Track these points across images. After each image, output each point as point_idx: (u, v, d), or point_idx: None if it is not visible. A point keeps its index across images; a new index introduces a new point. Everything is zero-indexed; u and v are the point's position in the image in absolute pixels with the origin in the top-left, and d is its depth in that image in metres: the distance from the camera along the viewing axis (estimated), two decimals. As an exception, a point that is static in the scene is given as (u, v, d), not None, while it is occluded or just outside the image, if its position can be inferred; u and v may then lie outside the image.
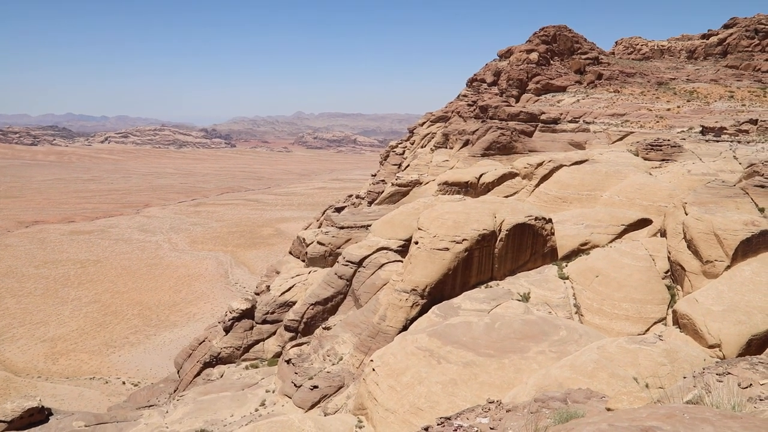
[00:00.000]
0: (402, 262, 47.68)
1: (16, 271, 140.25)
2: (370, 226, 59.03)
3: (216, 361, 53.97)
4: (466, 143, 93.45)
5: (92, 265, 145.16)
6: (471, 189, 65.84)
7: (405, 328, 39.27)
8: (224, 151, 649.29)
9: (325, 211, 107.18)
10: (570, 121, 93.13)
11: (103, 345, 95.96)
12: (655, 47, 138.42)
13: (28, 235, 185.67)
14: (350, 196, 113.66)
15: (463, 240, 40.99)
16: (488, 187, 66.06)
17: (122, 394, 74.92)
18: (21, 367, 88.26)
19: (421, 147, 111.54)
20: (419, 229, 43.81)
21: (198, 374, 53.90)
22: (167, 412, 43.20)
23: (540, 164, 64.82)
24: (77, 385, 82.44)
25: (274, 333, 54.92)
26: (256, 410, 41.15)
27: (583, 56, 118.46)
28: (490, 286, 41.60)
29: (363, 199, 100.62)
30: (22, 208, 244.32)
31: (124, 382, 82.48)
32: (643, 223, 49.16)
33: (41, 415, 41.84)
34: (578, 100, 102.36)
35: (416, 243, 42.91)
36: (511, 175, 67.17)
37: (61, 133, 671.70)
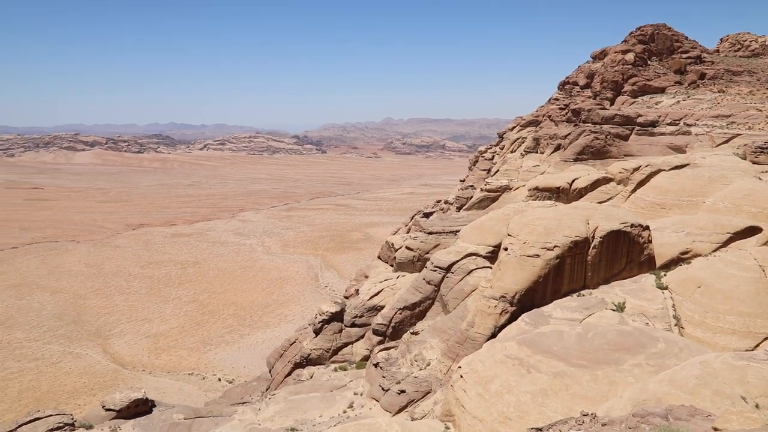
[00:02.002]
0: (491, 268, 47.04)
1: (123, 270, 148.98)
2: (458, 231, 58.63)
3: (306, 362, 55.21)
4: (557, 148, 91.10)
5: (191, 266, 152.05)
6: (562, 195, 64.10)
7: (493, 335, 38.70)
8: (315, 157, 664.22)
9: (413, 216, 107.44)
10: (669, 124, 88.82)
11: (200, 342, 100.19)
12: (766, 43, 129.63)
13: (135, 237, 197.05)
14: (439, 201, 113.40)
15: (555, 247, 39.95)
16: (581, 193, 64.07)
17: (218, 390, 78.01)
18: (128, 361, 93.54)
19: (511, 152, 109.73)
20: (509, 235, 43.08)
21: (289, 374, 55.33)
22: (260, 409, 44.57)
23: (636, 169, 62.17)
24: (177, 379, 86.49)
25: (362, 336, 55.55)
26: (344, 412, 41.75)
27: (684, 55, 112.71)
28: (583, 295, 40.30)
29: (451, 204, 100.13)
30: (130, 211, 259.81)
31: (219, 379, 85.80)
32: (752, 231, 46.07)
33: (145, 406, 44.26)
34: (678, 102, 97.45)
35: (506, 249, 42.22)
36: (605, 181, 64.84)
37: (165, 141, 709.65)
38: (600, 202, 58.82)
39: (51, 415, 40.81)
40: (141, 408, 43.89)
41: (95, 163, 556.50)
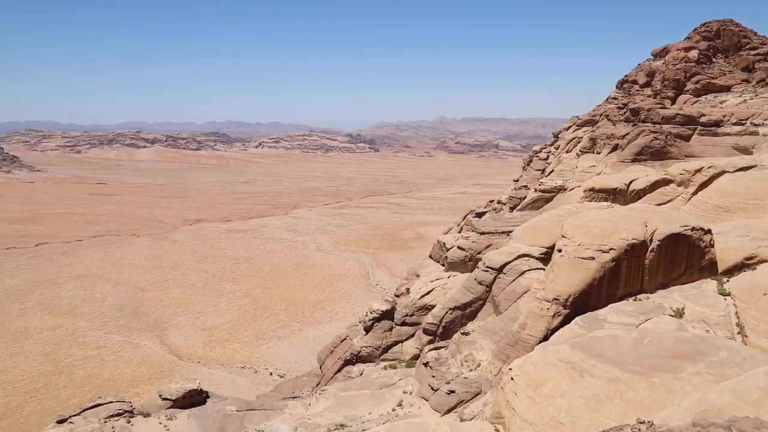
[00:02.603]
0: (544, 269, 46.30)
1: (181, 264, 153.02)
2: (511, 232, 57.91)
3: (356, 359, 55.55)
4: (614, 148, 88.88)
5: (245, 262, 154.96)
6: (619, 196, 62.52)
7: (545, 338, 38.08)
8: (368, 155, 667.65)
9: (465, 216, 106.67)
10: (735, 124, 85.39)
11: (253, 337, 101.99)
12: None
13: (192, 232, 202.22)
14: (491, 201, 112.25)
15: (610, 249, 38.98)
16: (638, 195, 62.35)
17: (269, 384, 79.29)
18: (183, 352, 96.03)
19: (567, 152, 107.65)
20: (563, 236, 42.29)
21: (339, 371, 55.79)
22: (310, 404, 45.09)
23: (698, 170, 60.06)
24: (230, 372, 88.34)
25: (412, 335, 55.52)
26: (393, 410, 41.83)
27: (752, 52, 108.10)
28: (639, 299, 39.20)
29: (504, 204, 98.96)
30: (187, 207, 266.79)
31: (271, 373, 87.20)
32: (822, 236, 43.92)
33: (200, 396, 45.41)
34: (745, 101, 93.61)
35: (559, 251, 41.47)
36: (665, 182, 62.89)
37: (221, 138, 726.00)
38: (659, 205, 57.12)
39: (112, 402, 42.33)
40: (195, 398, 45.05)
41: (155, 160, 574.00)
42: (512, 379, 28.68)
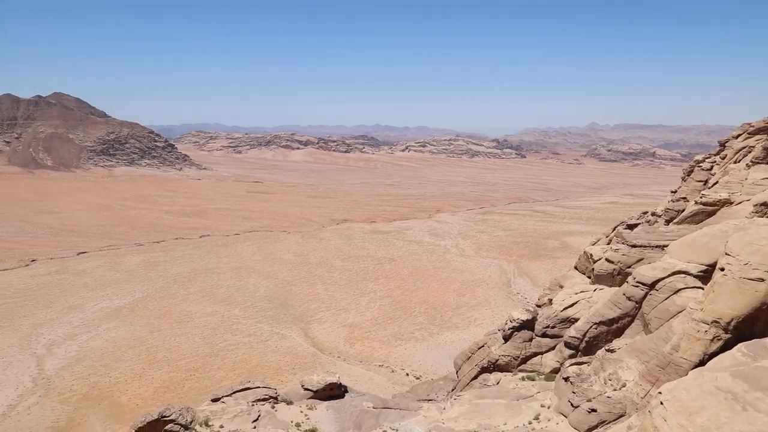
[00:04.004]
0: (702, 289, 42.69)
1: (326, 262, 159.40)
2: (666, 246, 54.06)
3: (493, 367, 54.61)
4: (793, 159, 80.00)
5: (387, 263, 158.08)
6: (797, 212, 56.18)
7: (701, 363, 35.05)
8: (514, 161, 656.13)
9: (615, 227, 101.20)
10: None
11: (392, 337, 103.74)
12: None
13: (338, 231, 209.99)
14: (645, 212, 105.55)
15: (784, 271, 35.10)
16: (821, 212, 55.66)
17: (405, 384, 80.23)
18: (325, 346, 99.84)
19: (735, 162, 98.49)
20: (727, 254, 38.71)
21: (475, 377, 55.15)
22: (444, 408, 45.00)
23: None
24: (368, 369, 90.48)
25: (553, 348, 53.57)
26: (530, 423, 40.61)
27: None
28: (817, 329, 34.95)
29: (659, 216, 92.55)
30: (335, 207, 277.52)
31: (407, 374, 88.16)
32: None
33: (338, 390, 46.90)
34: None
35: (722, 269, 38.01)
36: None
37: (369, 142, 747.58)
38: None
39: (259, 387, 44.94)
40: (334, 392, 46.58)
41: (307, 161, 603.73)
42: (662, 403, 26.71)
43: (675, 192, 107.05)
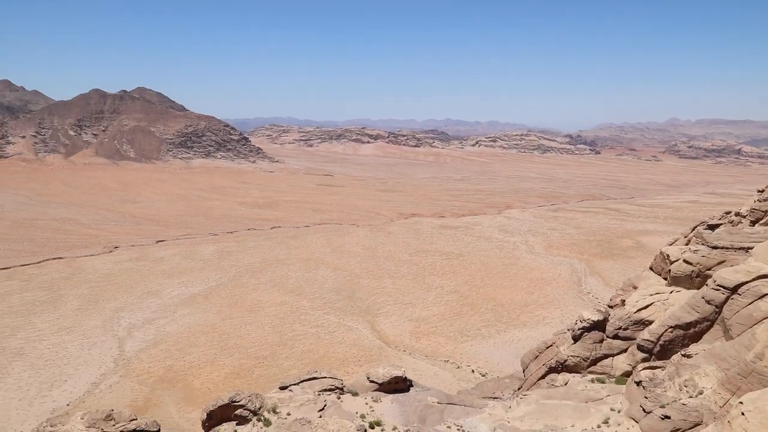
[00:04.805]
0: (790, 294, 40.30)
1: (394, 256, 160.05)
2: (751, 248, 51.29)
3: (561, 367, 53.41)
4: None
5: (455, 258, 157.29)
6: None
7: (788, 373, 33.13)
8: (588, 157, 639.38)
9: (695, 227, 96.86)
10: None
11: (458, 332, 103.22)
12: None
13: (406, 226, 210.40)
14: (728, 212, 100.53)
15: None
16: None
17: (470, 381, 79.69)
18: (391, 339, 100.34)
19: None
20: (818, 258, 36.42)
21: (542, 377, 54.10)
22: (510, 407, 44.36)
23: None
24: (433, 364, 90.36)
25: (624, 350, 51.84)
26: (599, 426, 39.48)
27: None
28: None
29: (744, 217, 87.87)
30: (403, 201, 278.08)
31: (473, 371, 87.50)
32: None
33: (404, 384, 46.98)
34: None
35: (812, 274, 35.79)
36: None
37: (439, 136, 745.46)
38: None
39: (325, 377, 45.56)
40: (400, 385, 46.68)
41: (377, 155, 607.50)
42: (743, 414, 25.44)
43: (762, 191, 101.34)
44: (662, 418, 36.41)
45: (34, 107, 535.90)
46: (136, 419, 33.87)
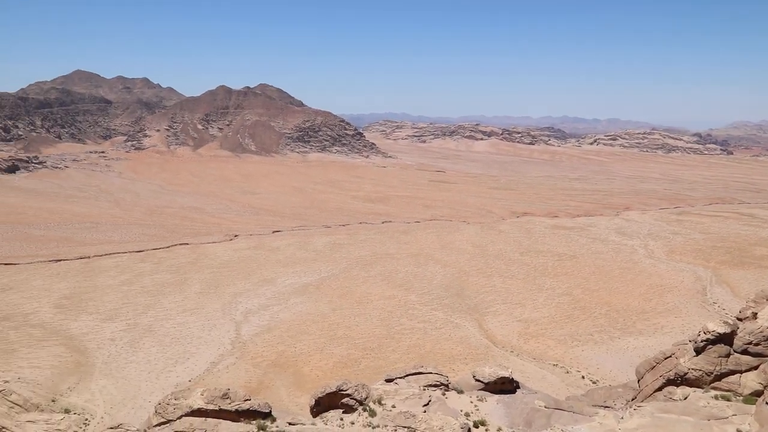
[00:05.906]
0: None
1: (504, 255, 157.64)
2: None
3: (680, 380, 50.27)
4: None
5: (568, 260, 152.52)
6: None
7: None
8: (718, 158, 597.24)
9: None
10: None
11: (568, 336, 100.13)
12: None
13: (518, 224, 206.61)
14: None
15: None
16: None
17: (580, 387, 77.02)
18: (499, 339, 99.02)
19: None
20: None
21: (659, 389, 51.21)
22: (622, 418, 42.42)
23: None
24: (541, 367, 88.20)
25: (755, 367, 47.95)
26: (722, 447, 36.85)
27: None
28: None
29: None
30: (516, 199, 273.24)
31: (583, 377, 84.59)
32: None
33: (510, 385, 46.16)
34: None
35: None
36: None
37: (556, 134, 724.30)
38: None
39: (431, 373, 45.66)
40: (506, 386, 45.89)
41: (490, 152, 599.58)
42: None
43: None
44: (796, 444, 33.43)
45: (167, 103, 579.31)
46: (249, 399, 35.59)
